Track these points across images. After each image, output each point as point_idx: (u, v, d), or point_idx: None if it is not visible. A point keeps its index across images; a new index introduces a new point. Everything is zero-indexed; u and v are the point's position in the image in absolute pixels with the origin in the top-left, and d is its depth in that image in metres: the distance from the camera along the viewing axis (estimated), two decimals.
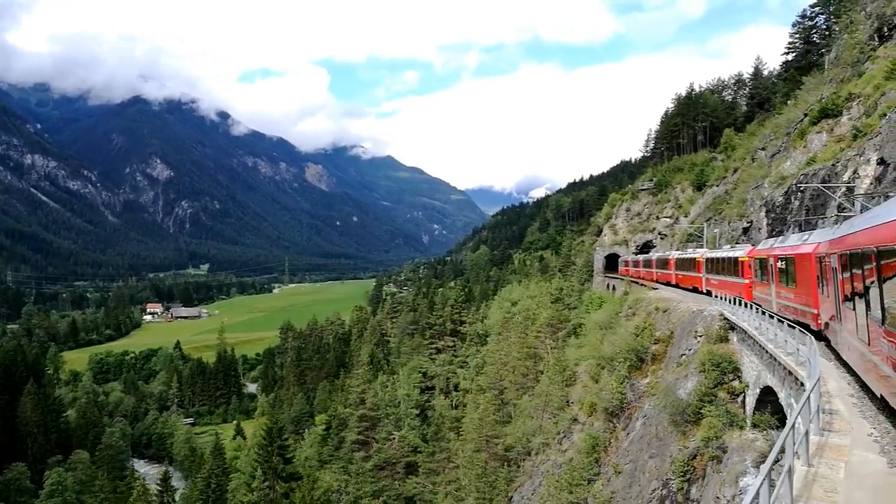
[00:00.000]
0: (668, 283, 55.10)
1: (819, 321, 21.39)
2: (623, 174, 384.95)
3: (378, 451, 50.23)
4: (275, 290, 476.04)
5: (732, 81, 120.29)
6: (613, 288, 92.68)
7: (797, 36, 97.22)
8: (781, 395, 19.71)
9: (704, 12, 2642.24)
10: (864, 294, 12.83)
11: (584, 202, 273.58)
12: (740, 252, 33.98)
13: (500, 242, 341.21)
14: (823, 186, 29.42)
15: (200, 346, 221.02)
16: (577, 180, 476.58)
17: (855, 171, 28.37)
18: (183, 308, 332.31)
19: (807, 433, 10.16)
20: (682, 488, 27.09)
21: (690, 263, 45.54)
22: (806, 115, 43.29)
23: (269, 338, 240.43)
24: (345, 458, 55.50)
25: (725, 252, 37.36)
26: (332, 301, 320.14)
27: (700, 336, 31.86)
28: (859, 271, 13.31)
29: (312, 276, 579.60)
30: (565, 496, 30.91)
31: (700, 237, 75.69)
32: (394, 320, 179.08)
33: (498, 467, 41.15)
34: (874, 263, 11.77)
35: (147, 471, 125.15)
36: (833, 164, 31.32)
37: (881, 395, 12.12)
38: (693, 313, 33.88)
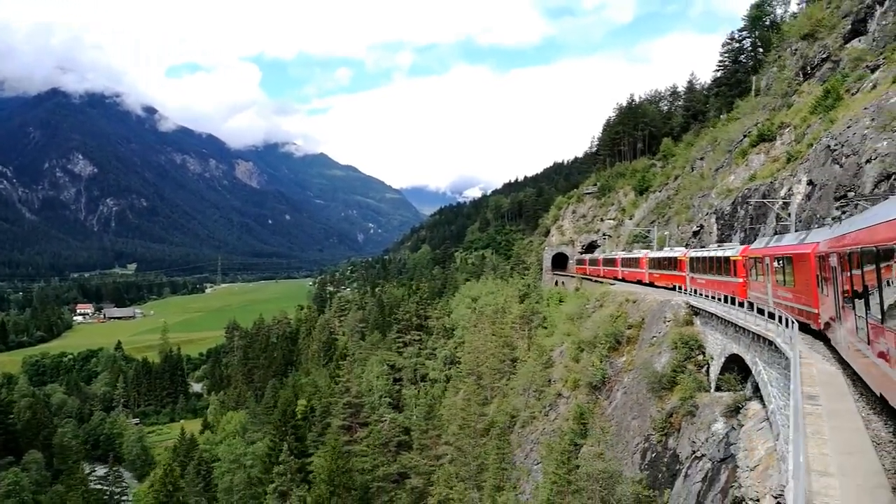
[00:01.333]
0: (638, 282, 56.68)
1: (819, 321, 21.48)
2: (558, 176, 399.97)
3: (371, 431, 55.26)
4: (207, 290, 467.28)
5: (668, 93, 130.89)
6: (563, 284, 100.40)
7: (726, 56, 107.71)
8: (747, 358, 26.55)
9: (632, 18, 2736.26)
10: (864, 293, 12.83)
11: (522, 203, 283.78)
12: (731, 251, 34.57)
13: (442, 242, 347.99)
14: (765, 200, 36.93)
15: (142, 347, 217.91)
16: (512, 181, 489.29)
17: (789, 189, 35.98)
18: (116, 308, 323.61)
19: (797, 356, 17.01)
20: (661, 440, 33.92)
21: (670, 262, 46.16)
22: (745, 136, 51.54)
23: (211, 338, 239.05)
24: (329, 442, 60.18)
25: (713, 251, 37.85)
26: (269, 300, 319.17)
27: (669, 321, 38.91)
28: (859, 271, 13.27)
29: (244, 275, 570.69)
30: (560, 456, 37.17)
31: (646, 238, 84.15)
32: (342, 319, 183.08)
33: (486, 441, 47.26)
34: (874, 263, 11.74)
35: (98, 471, 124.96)
36: (771, 182, 39.04)
37: (881, 394, 12.17)
38: (661, 303, 40.97)
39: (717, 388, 32.54)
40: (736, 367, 29.97)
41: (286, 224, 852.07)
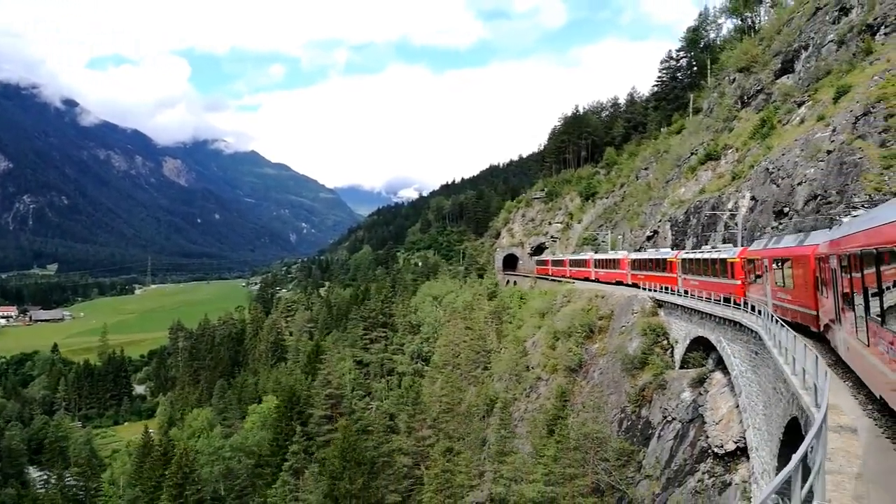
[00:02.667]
0: (619, 283, 57.30)
1: (819, 322, 21.56)
2: (496, 178, 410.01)
3: (360, 418, 60.18)
4: (137, 292, 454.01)
5: (609, 104, 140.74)
6: (515, 283, 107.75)
7: (664, 72, 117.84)
8: (712, 337, 33.58)
9: (565, 23, 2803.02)
10: (864, 295, 12.86)
11: (462, 205, 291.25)
12: (728, 253, 35.05)
13: (382, 242, 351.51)
14: (715, 212, 44.52)
15: (78, 350, 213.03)
16: (450, 183, 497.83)
17: (736, 203, 43.67)
18: (42, 311, 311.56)
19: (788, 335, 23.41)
20: (636, 411, 40.85)
21: (659, 264, 47.16)
22: (693, 154, 59.73)
23: (150, 339, 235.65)
24: (313, 431, 64.71)
25: (708, 252, 38.58)
26: (204, 302, 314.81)
27: (636, 312, 46.06)
28: (859, 273, 13.28)
29: (174, 276, 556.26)
30: (556, 426, 43.55)
31: (595, 241, 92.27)
32: (288, 319, 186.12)
33: (474, 420, 53.34)
34: (874, 265, 11.78)
35: (41, 476, 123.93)
36: (719, 196, 46.77)
37: (880, 396, 12.22)
38: (628, 297, 48.15)
39: (682, 366, 39.71)
40: (701, 348, 37.12)
41: (216, 223, 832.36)
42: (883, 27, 40.58)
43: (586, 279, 69.28)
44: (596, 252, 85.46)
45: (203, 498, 53.56)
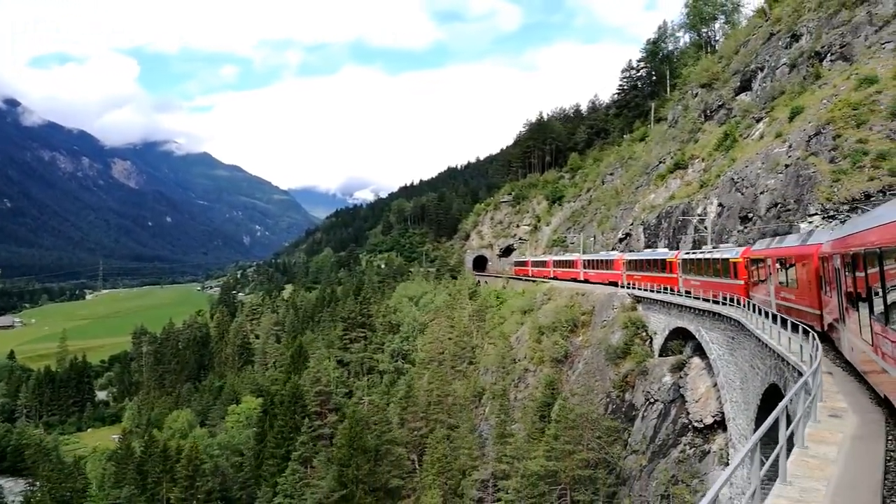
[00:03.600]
0: (610, 283, 56.87)
1: (823, 322, 21.50)
2: (455, 181, 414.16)
3: (354, 412, 63.57)
4: (88, 297, 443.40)
5: (572, 111, 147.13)
6: (486, 283, 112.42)
7: (625, 81, 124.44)
8: (691, 327, 38.47)
9: (520, 27, 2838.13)
10: (868, 294, 12.89)
11: (424, 207, 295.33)
12: (731, 253, 34.88)
13: (341, 244, 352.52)
14: (685, 217, 49.73)
15: (34, 356, 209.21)
16: (408, 185, 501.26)
17: (704, 209, 48.96)
18: None
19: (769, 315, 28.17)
20: (620, 395, 45.64)
21: (657, 264, 46.93)
22: (661, 163, 65.26)
23: (109, 345, 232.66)
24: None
25: (710, 252, 38.31)
26: (160, 307, 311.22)
27: (616, 308, 50.94)
28: (863, 272, 13.27)
29: (126, 280, 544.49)
30: (536, 415, 48.01)
31: (564, 242, 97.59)
32: (253, 322, 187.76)
33: (456, 413, 57.45)
34: (878, 264, 11.78)
35: (6, 484, 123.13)
36: (689, 202, 52.05)
37: (885, 396, 12.27)
38: (608, 294, 53.04)
39: (661, 354, 44.66)
40: (680, 337, 42.05)
41: (167, 226, 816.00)
42: (829, 55, 46.38)
43: (574, 280, 68.67)
44: (566, 252, 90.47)
45: (212, 489, 56.22)
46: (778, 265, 26.90)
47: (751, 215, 42.30)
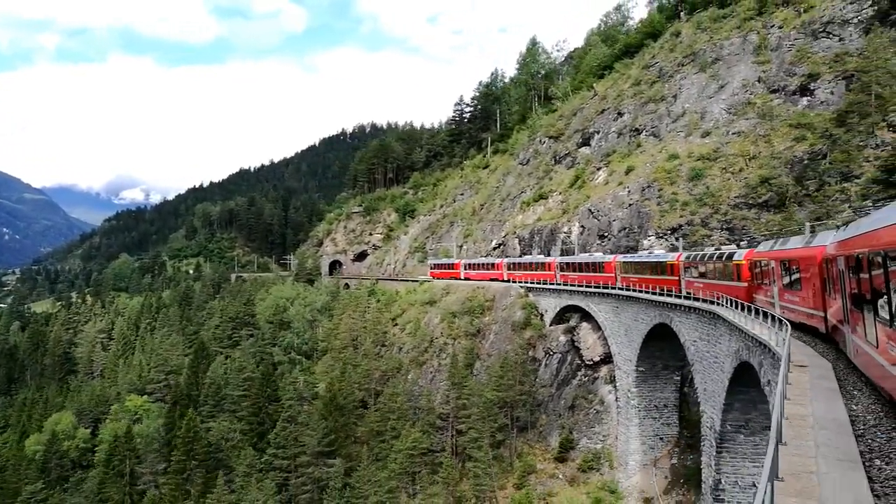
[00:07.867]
0: (605, 286, 56.54)
1: (827, 324, 21.66)
2: (244, 183, 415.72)
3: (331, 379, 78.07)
4: None
5: (406, 132, 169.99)
6: (347, 286, 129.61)
7: (456, 114, 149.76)
8: (582, 304, 61.49)
9: (305, 29, 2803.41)
10: (873, 297, 13.04)
11: (233, 212, 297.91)
12: (735, 255, 35.06)
13: (127, 249, 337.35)
14: (554, 234, 73.75)
15: None
16: (198, 186, 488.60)
17: (569, 228, 73.14)
18: None
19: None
20: (525, 352, 67.54)
21: (658, 267, 47.37)
22: (523, 192, 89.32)
23: None
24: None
25: (714, 254, 38.58)
26: None
27: (513, 295, 73.04)
28: (867, 274, 13.38)
29: None
30: (460, 376, 68.20)
31: (423, 249, 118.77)
32: (70, 332, 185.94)
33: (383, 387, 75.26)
34: (882, 266, 11.95)
35: None
36: (555, 223, 75.99)
37: (890, 398, 12.51)
38: (505, 287, 75.13)
39: (551, 324, 67.44)
40: (568, 313, 64.99)
41: None
42: (644, 131, 73.20)
43: (544, 283, 68.44)
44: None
45: (210, 451, 66.92)
46: (781, 268, 27.19)
47: (606, 234, 67.05)
